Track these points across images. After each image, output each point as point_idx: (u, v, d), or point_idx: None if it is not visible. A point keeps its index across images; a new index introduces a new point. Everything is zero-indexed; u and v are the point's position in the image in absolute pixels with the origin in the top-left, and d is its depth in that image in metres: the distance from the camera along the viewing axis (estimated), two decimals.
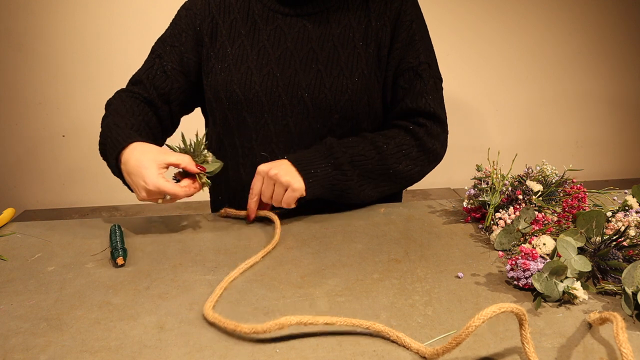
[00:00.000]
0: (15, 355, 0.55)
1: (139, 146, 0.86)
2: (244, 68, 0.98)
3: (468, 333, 0.50)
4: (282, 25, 0.98)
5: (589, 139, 2.87)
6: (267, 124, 0.98)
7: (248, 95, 0.97)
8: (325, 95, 0.96)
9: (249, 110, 0.98)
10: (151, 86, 1.01)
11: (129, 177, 0.85)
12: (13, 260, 0.78)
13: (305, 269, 0.74)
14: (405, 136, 0.98)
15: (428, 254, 0.78)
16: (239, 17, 1.00)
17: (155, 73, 1.02)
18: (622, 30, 2.73)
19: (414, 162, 0.98)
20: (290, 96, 0.97)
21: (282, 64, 0.97)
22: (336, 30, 0.97)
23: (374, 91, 0.99)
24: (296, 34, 0.98)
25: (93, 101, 2.47)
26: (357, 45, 0.97)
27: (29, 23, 2.34)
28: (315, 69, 0.96)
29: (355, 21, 0.98)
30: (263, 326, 0.55)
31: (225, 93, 0.98)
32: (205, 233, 0.87)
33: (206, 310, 0.61)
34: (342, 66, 0.96)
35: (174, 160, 0.83)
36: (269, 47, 0.98)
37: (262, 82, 0.97)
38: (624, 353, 0.48)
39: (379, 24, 0.98)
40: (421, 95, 0.98)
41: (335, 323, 0.56)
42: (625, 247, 0.70)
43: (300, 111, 0.97)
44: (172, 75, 1.01)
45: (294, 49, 0.97)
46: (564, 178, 0.89)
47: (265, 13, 0.99)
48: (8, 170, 2.51)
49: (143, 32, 2.39)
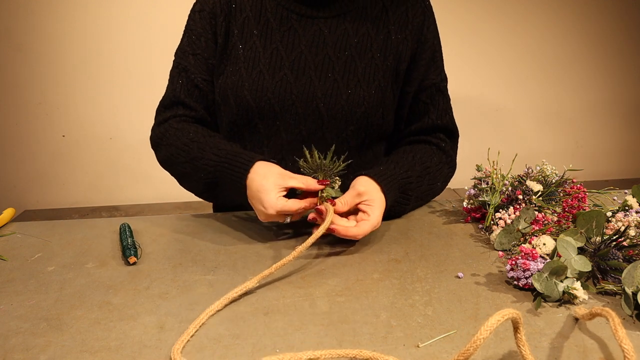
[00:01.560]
0: (15, 355, 0.55)
1: (261, 168, 0.82)
2: (255, 72, 0.94)
3: (476, 347, 0.48)
4: (296, 26, 0.94)
5: (589, 139, 2.87)
6: (279, 131, 0.95)
7: (260, 102, 0.93)
8: (342, 107, 0.93)
9: (260, 116, 0.95)
10: (195, 103, 0.98)
11: (249, 200, 0.83)
12: (13, 260, 0.78)
13: (305, 269, 0.74)
14: (439, 154, 0.98)
15: (428, 254, 0.78)
16: (251, 16, 0.96)
17: (189, 88, 0.98)
18: (622, 30, 2.73)
19: (444, 178, 0.99)
20: (305, 105, 0.94)
21: (296, 70, 0.93)
22: (353, 39, 0.94)
23: (389, 104, 0.97)
24: (311, 37, 0.94)
25: (93, 101, 2.47)
26: (375, 56, 0.94)
27: (29, 23, 2.34)
28: (331, 78, 0.93)
29: (373, 31, 0.95)
30: None
31: (235, 99, 0.94)
32: (205, 233, 0.87)
33: (173, 353, 0.54)
34: (359, 77, 0.94)
35: (294, 183, 0.80)
36: (282, 50, 0.94)
37: (275, 88, 0.93)
38: (625, 349, 0.48)
39: (399, 37, 0.95)
40: (445, 112, 1.00)
41: (319, 357, 0.53)
42: (625, 247, 0.70)
43: (314, 120, 0.94)
44: (204, 87, 0.98)
45: (309, 54, 0.94)
46: (564, 178, 0.89)
47: (279, 12, 0.95)
48: (8, 170, 2.51)
49: (143, 32, 2.39)
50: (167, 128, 0.96)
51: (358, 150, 0.98)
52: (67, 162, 2.53)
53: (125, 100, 2.47)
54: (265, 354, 0.55)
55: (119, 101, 2.49)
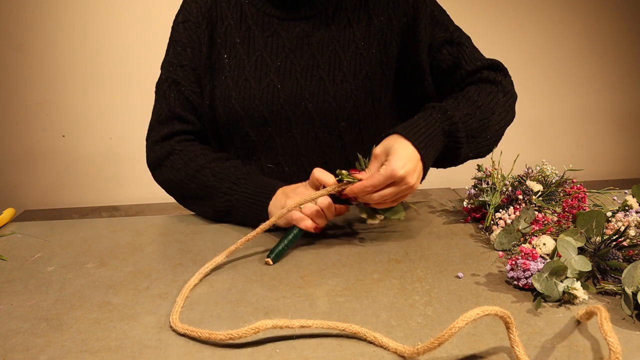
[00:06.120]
0: (15, 355, 0.55)
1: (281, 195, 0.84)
2: (241, 81, 0.93)
3: (451, 334, 0.50)
4: (279, 30, 0.93)
5: (589, 139, 2.87)
6: (272, 136, 0.95)
7: (248, 110, 0.92)
8: (329, 104, 0.92)
9: (251, 124, 0.94)
10: (192, 116, 0.96)
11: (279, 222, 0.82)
12: (13, 260, 0.78)
13: (305, 269, 0.74)
14: (487, 85, 0.91)
15: (428, 254, 0.78)
16: (233, 24, 0.94)
17: (182, 102, 0.95)
18: (623, 31, 2.73)
19: (503, 108, 0.91)
20: (294, 108, 0.93)
21: (282, 74, 0.92)
22: (335, 32, 0.93)
23: (379, 91, 0.96)
24: (295, 39, 0.93)
25: (93, 101, 2.47)
26: (359, 45, 0.93)
27: (29, 23, 2.34)
28: (317, 76, 0.92)
29: (354, 20, 0.94)
30: (239, 331, 0.54)
31: (224, 109, 0.94)
32: (205, 233, 0.87)
33: (173, 321, 0.59)
34: (345, 71, 0.93)
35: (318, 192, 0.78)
36: (266, 57, 0.93)
37: (262, 95, 0.92)
38: (609, 342, 0.49)
39: (382, 19, 0.94)
40: (473, 55, 0.94)
41: (311, 325, 0.56)
42: (625, 247, 0.70)
43: (305, 122, 0.93)
44: (195, 99, 0.96)
45: (294, 57, 0.93)
46: (564, 178, 0.89)
47: (260, 18, 0.94)
48: (8, 170, 2.51)
49: (143, 32, 2.39)
50: (169, 150, 0.94)
51: (354, 147, 0.96)
52: (67, 162, 2.53)
53: (125, 100, 2.46)
54: (265, 354, 0.54)
55: (119, 101, 2.49)
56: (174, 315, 0.60)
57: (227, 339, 0.55)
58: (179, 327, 0.58)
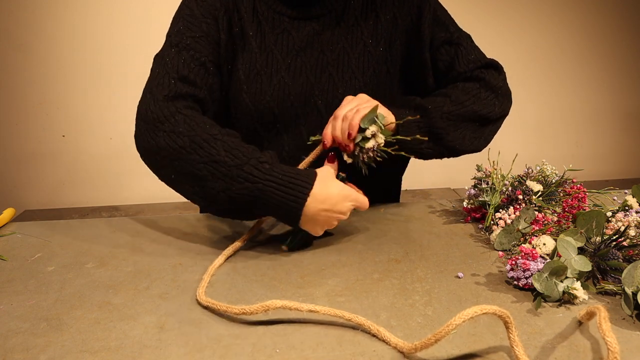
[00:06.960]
0: (15, 355, 0.55)
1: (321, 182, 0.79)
2: (252, 75, 0.92)
3: (448, 331, 0.51)
4: (289, 29, 0.93)
5: (589, 139, 2.87)
6: (280, 132, 0.95)
7: (259, 106, 0.92)
8: (339, 101, 0.91)
9: (259, 120, 0.93)
10: (200, 80, 0.86)
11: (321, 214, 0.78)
12: (13, 260, 0.78)
13: (305, 269, 0.74)
14: (466, 83, 0.95)
15: (428, 254, 0.78)
16: (246, 17, 0.93)
17: (192, 66, 0.85)
18: (623, 31, 2.73)
19: (487, 103, 0.93)
20: (304, 105, 0.93)
21: (292, 72, 0.92)
22: (344, 30, 0.94)
23: (385, 88, 0.97)
24: (305, 38, 0.93)
25: (93, 101, 2.48)
26: (367, 43, 0.94)
27: (29, 23, 2.34)
28: (327, 74, 0.93)
29: (362, 18, 0.95)
30: (251, 307, 0.59)
31: (234, 102, 0.93)
32: (205, 233, 0.87)
33: (199, 295, 0.65)
34: (354, 68, 0.94)
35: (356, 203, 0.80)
36: (277, 54, 0.92)
37: (273, 92, 0.92)
38: (608, 342, 0.49)
39: (388, 17, 0.95)
40: (468, 57, 0.97)
41: (319, 311, 0.59)
42: (625, 247, 0.70)
43: (313, 119, 0.94)
44: (210, 68, 0.88)
45: (304, 55, 0.93)
46: (564, 178, 0.89)
47: (270, 15, 0.93)
48: (8, 170, 2.52)
49: (143, 32, 2.39)
50: (172, 111, 0.80)
51: None
52: (67, 162, 2.54)
53: (125, 100, 2.47)
54: (265, 354, 0.55)
55: (119, 101, 2.49)
56: (200, 289, 0.67)
57: (240, 313, 0.61)
58: (203, 299, 0.64)
